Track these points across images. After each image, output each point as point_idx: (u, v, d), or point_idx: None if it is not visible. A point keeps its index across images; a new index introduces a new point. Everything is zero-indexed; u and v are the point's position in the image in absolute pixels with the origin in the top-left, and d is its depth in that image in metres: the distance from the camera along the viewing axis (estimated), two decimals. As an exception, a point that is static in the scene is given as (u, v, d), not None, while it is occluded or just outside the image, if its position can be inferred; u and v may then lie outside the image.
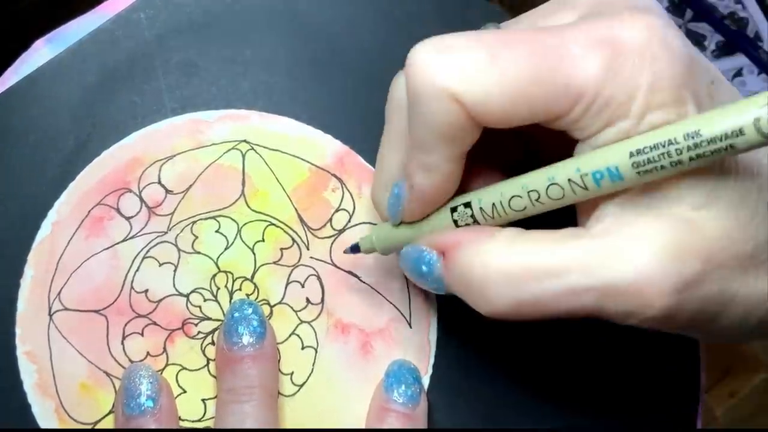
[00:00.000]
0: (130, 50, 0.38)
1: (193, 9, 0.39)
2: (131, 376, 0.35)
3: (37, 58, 0.39)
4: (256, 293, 0.37)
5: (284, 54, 0.39)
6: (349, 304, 0.38)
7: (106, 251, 0.37)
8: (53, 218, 0.37)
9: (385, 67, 0.39)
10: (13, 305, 0.36)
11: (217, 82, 0.38)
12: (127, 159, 0.37)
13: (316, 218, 0.38)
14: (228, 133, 0.38)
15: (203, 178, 0.37)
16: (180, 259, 0.37)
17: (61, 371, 0.36)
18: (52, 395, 0.36)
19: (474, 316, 0.37)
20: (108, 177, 0.37)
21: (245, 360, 0.35)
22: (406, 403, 0.35)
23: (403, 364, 0.37)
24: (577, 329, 0.38)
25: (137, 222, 0.37)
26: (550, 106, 0.27)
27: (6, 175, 0.37)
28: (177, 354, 0.36)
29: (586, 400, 0.38)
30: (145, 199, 0.37)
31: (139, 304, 0.36)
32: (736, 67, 0.84)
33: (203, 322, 0.37)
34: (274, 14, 0.39)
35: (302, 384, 0.37)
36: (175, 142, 0.38)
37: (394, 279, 0.38)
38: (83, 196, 0.37)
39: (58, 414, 0.35)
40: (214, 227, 0.37)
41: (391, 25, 0.39)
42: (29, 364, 0.36)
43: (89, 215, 0.37)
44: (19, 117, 0.37)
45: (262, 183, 0.38)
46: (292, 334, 0.37)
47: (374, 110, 0.38)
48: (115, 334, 0.36)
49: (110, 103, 0.38)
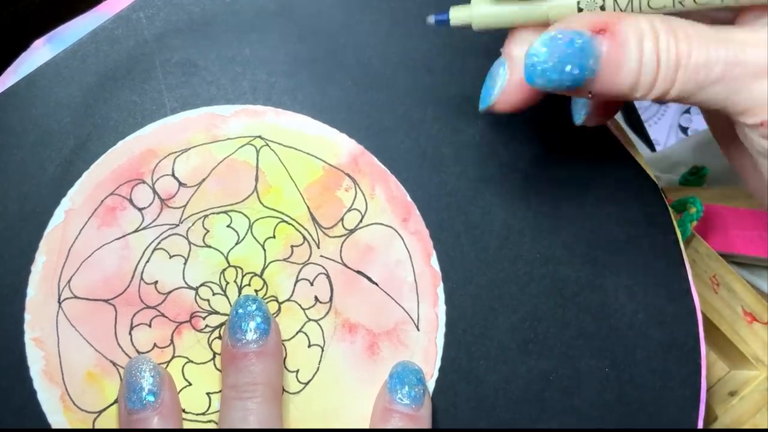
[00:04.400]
0: (130, 50, 0.38)
1: (193, 8, 0.39)
2: (133, 369, 0.35)
3: (36, 58, 0.39)
4: (265, 289, 0.37)
5: (284, 53, 0.39)
6: (357, 304, 0.38)
7: (117, 241, 0.37)
8: (66, 206, 0.37)
9: (384, 67, 0.39)
10: (23, 291, 0.36)
11: (217, 81, 0.38)
12: (142, 150, 0.37)
13: (328, 217, 0.38)
14: (243, 129, 0.38)
15: (217, 173, 0.37)
16: (190, 252, 0.37)
17: (68, 359, 0.36)
18: (58, 382, 0.36)
19: (482, 319, 0.38)
20: (122, 167, 0.37)
21: (249, 356, 0.35)
22: (409, 404, 0.36)
23: (407, 365, 0.37)
24: (578, 331, 0.38)
25: (149, 213, 0.37)
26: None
27: (6, 174, 0.37)
28: (184, 347, 0.37)
29: (587, 400, 0.38)
30: (158, 190, 0.37)
31: (148, 295, 0.37)
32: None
33: (211, 315, 0.37)
34: (273, 14, 0.39)
35: (308, 382, 0.37)
36: (190, 135, 0.38)
37: (404, 281, 0.38)
38: (97, 185, 0.37)
39: (63, 401, 0.36)
40: (225, 222, 0.37)
41: (390, 25, 0.39)
42: (37, 350, 0.36)
43: (102, 204, 0.37)
44: (19, 117, 0.37)
45: (276, 179, 0.38)
46: (299, 331, 0.37)
47: (374, 109, 0.38)
48: (123, 324, 0.36)
49: (110, 103, 0.38)
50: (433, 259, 0.38)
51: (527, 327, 0.38)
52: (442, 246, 0.38)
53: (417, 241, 0.38)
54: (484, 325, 0.38)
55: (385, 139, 0.38)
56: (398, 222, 0.38)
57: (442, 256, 0.38)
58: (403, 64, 0.39)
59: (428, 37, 0.39)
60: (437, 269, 0.38)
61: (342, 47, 0.39)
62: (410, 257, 0.38)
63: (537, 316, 0.38)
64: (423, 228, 0.38)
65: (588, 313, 0.38)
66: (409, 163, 0.38)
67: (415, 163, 0.38)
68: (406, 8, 0.40)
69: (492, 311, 0.38)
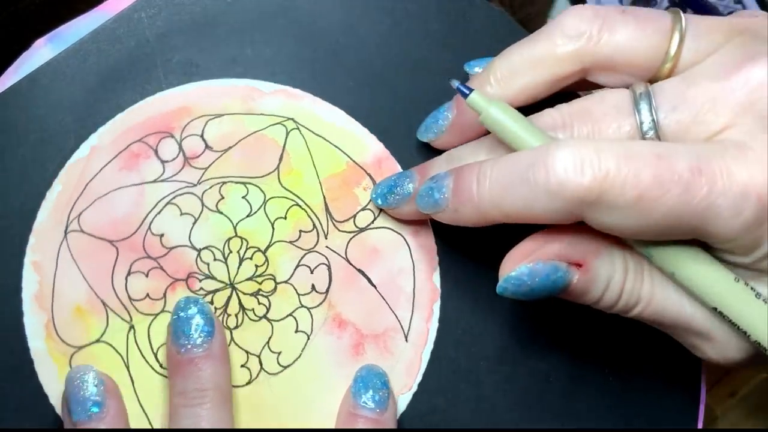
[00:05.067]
0: (131, 50, 0.39)
1: (195, 8, 0.39)
2: (75, 380, 0.35)
3: (37, 57, 0.39)
4: (265, 266, 0.37)
5: (285, 53, 0.39)
6: (352, 301, 0.38)
7: (134, 187, 0.37)
8: (93, 142, 0.38)
9: (385, 67, 0.39)
10: (33, 215, 0.37)
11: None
12: (177, 106, 0.38)
13: (342, 211, 0.38)
14: (278, 108, 0.39)
15: (244, 144, 0.38)
16: (201, 214, 0.37)
17: (61, 289, 0.36)
18: (46, 309, 0.36)
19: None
20: (155, 118, 0.38)
21: (195, 362, 0.35)
22: (374, 408, 0.35)
23: (372, 368, 0.37)
24: (576, 334, 0.38)
25: (171, 167, 0.38)
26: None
27: (6, 174, 0.37)
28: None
29: (586, 400, 0.38)
30: (184, 148, 0.38)
31: (152, 246, 0.37)
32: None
33: (207, 280, 0.37)
34: (275, 14, 0.40)
35: (287, 366, 0.37)
36: (227, 102, 0.38)
37: (402, 290, 0.38)
38: (127, 129, 0.38)
39: (48, 329, 0.36)
40: (241, 192, 0.38)
41: (392, 25, 0.40)
42: (33, 274, 0.36)
43: (127, 149, 0.38)
44: (20, 116, 0.38)
45: (299, 163, 0.38)
46: (290, 315, 0.37)
47: (374, 109, 0.39)
48: (122, 268, 0.37)
49: (111, 103, 0.38)
50: (436, 275, 0.38)
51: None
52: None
53: (423, 254, 0.38)
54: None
55: (385, 140, 0.39)
56: (409, 232, 0.38)
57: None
58: (403, 65, 0.39)
59: (429, 37, 0.40)
60: (437, 286, 0.38)
61: (343, 47, 0.40)
62: (413, 268, 0.38)
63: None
64: (432, 243, 0.38)
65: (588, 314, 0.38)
66: (410, 165, 0.38)
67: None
68: (407, 8, 0.40)
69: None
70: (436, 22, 0.40)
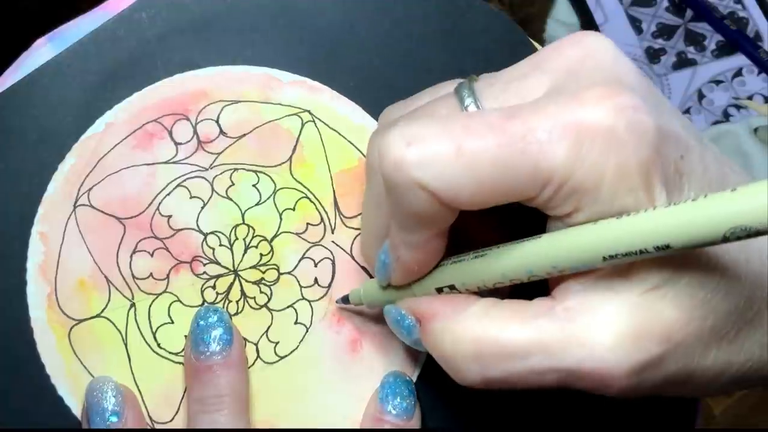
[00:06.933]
0: (132, 50, 0.39)
1: (195, 8, 0.39)
2: (95, 391, 0.35)
3: (37, 57, 0.39)
4: (270, 256, 0.38)
5: (285, 54, 0.39)
6: (353, 298, 0.38)
7: (146, 167, 0.38)
8: (109, 119, 0.38)
9: (385, 67, 0.39)
10: (44, 187, 0.37)
11: None
12: (195, 89, 0.38)
13: (351, 207, 0.38)
14: (296, 99, 0.39)
15: (259, 132, 0.38)
16: (210, 199, 0.38)
17: (66, 261, 0.37)
18: (50, 280, 0.37)
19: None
20: (172, 99, 0.38)
21: (213, 369, 0.35)
22: (400, 415, 0.36)
23: (399, 375, 0.37)
24: None
25: (184, 150, 0.38)
26: (518, 192, 0.27)
27: (6, 174, 0.37)
28: (177, 286, 0.37)
29: (585, 400, 0.38)
30: (198, 131, 0.38)
31: (159, 226, 0.37)
32: (736, 67, 0.82)
33: (211, 264, 0.37)
34: (274, 14, 0.40)
35: (283, 356, 0.37)
36: (245, 89, 0.38)
37: (404, 290, 0.38)
38: (143, 108, 0.38)
39: (50, 300, 0.36)
40: (252, 180, 0.38)
41: (391, 25, 0.40)
42: (40, 244, 0.37)
43: (142, 128, 0.38)
44: (20, 116, 0.38)
45: (312, 156, 0.38)
46: (290, 306, 0.37)
47: (374, 109, 0.39)
48: (128, 245, 0.37)
49: (111, 103, 0.38)
50: (438, 277, 0.38)
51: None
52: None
53: (428, 256, 0.38)
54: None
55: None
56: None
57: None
58: (403, 65, 0.39)
59: (428, 37, 0.40)
60: (439, 289, 0.38)
61: (343, 48, 0.40)
62: (417, 270, 0.38)
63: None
64: (437, 246, 0.38)
65: None
66: None
67: None
68: (406, 8, 0.40)
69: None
70: (435, 23, 0.40)
